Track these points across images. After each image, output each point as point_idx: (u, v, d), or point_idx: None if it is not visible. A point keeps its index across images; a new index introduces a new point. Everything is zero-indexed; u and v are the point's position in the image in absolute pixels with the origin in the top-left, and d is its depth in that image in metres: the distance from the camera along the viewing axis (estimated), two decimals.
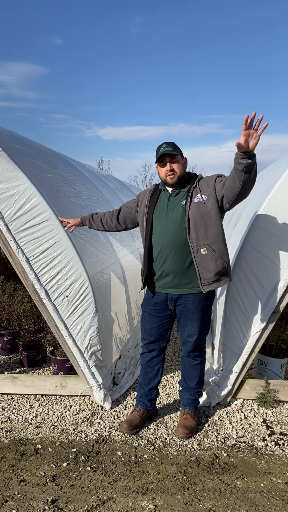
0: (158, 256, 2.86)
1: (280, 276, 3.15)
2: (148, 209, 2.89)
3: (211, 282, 2.79)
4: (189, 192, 2.78)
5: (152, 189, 2.98)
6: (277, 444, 2.91)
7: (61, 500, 2.40)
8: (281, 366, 3.65)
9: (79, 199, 4.35)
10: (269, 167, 5.94)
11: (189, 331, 2.96)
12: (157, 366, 3.15)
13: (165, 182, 2.87)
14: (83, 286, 3.33)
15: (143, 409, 3.14)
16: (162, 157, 2.80)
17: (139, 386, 3.21)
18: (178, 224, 2.77)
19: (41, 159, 4.07)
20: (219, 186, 2.69)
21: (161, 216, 2.84)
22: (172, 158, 2.79)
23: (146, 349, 3.14)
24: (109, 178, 8.33)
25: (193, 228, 2.71)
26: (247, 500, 2.38)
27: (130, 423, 3.06)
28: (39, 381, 3.58)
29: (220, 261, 2.77)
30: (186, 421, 3.05)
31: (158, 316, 3.02)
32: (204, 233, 2.72)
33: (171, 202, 2.84)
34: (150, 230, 2.87)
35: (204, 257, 2.74)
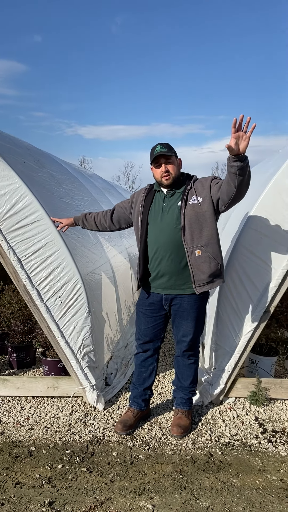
0: (153, 257, 2.86)
1: (272, 276, 3.19)
2: (143, 210, 2.89)
3: (204, 283, 2.80)
4: (185, 193, 2.78)
5: (147, 190, 2.98)
6: (270, 441, 2.95)
7: (58, 502, 2.39)
8: (271, 364, 3.70)
9: (69, 198, 4.32)
10: (256, 167, 6.01)
11: (184, 330, 2.97)
12: (152, 366, 3.14)
13: (160, 183, 2.88)
14: (76, 286, 3.31)
15: (137, 409, 3.14)
16: (157, 158, 2.79)
17: (133, 386, 3.20)
18: (173, 225, 2.77)
19: (30, 158, 4.03)
20: (214, 189, 2.71)
21: (156, 217, 2.84)
22: (167, 159, 2.79)
23: (140, 349, 3.14)
24: (94, 178, 8.29)
25: (188, 229, 2.73)
26: (243, 498, 2.40)
27: (125, 423, 3.05)
28: (30, 383, 3.54)
29: (214, 263, 2.78)
30: (180, 421, 3.06)
31: (153, 316, 3.02)
32: (199, 235, 2.73)
33: (166, 203, 2.84)
34: (145, 230, 2.87)
35: (198, 259, 2.75)
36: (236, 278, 3.27)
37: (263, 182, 3.57)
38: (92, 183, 6.79)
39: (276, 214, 3.17)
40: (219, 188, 2.67)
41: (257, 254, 3.22)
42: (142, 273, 2.94)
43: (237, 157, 2.40)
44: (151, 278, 2.93)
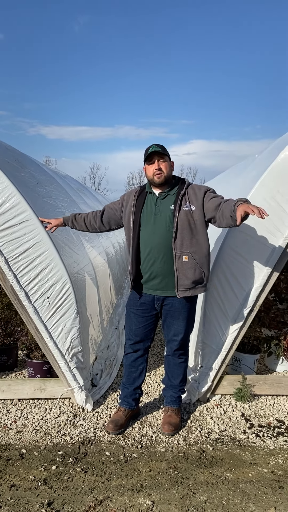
0: (146, 258, 2.88)
1: (257, 276, 3.30)
2: (135, 211, 2.90)
3: (187, 289, 2.85)
4: (178, 198, 2.81)
5: (138, 191, 2.99)
6: (258, 435, 3.05)
7: (57, 502, 2.38)
8: (254, 362, 3.82)
9: (51, 199, 4.29)
10: (231, 169, 6.18)
11: (175, 330, 3.02)
12: (141, 365, 3.17)
13: (151, 182, 2.89)
14: (65, 287, 3.30)
15: (128, 408, 3.16)
16: (151, 156, 2.83)
17: (123, 386, 3.22)
18: (166, 227, 2.80)
19: (11, 158, 3.98)
20: (210, 206, 2.75)
21: (148, 218, 2.87)
22: (161, 157, 2.83)
23: (131, 349, 3.15)
24: (68, 179, 8.24)
25: (179, 234, 2.76)
26: (239, 490, 2.48)
27: (116, 423, 3.07)
28: (16, 385, 3.49)
29: (198, 271, 2.83)
30: (171, 418, 3.11)
31: (144, 316, 3.04)
32: (189, 241, 2.78)
33: (159, 205, 2.86)
34: (138, 232, 2.89)
35: (184, 264, 2.79)
36: (223, 278, 3.36)
37: (246, 185, 3.69)
38: (67, 184, 6.76)
39: None
40: (216, 209, 2.71)
41: (243, 254, 3.32)
42: (135, 274, 2.95)
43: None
44: (144, 280, 2.96)
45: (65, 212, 4.47)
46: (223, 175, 7.11)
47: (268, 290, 3.33)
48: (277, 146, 3.71)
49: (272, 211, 3.23)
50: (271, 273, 3.28)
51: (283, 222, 3.22)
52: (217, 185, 6.12)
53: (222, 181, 6.04)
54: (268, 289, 3.33)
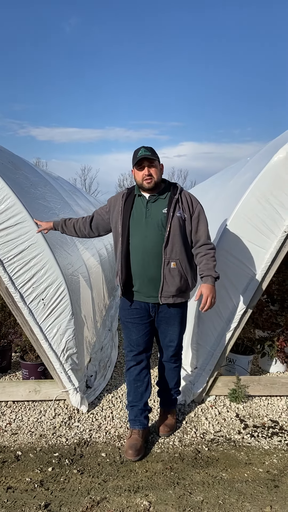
0: (139, 264, 2.77)
1: (251, 277, 3.34)
2: (123, 215, 2.80)
3: (170, 296, 2.77)
4: (171, 202, 2.75)
5: (125, 194, 2.90)
6: (252, 436, 3.08)
7: (54, 504, 2.38)
8: (248, 362, 3.85)
9: (45, 201, 4.29)
10: (223, 172, 6.22)
11: (170, 336, 2.94)
12: (147, 377, 2.99)
13: (141, 187, 2.81)
14: (60, 288, 3.30)
15: (142, 428, 2.94)
16: (141, 161, 2.74)
17: (131, 405, 2.99)
18: (159, 231, 2.72)
19: (5, 160, 3.97)
20: (193, 228, 2.80)
21: (139, 222, 2.77)
22: (151, 162, 2.74)
23: (134, 361, 2.95)
24: (61, 181, 8.23)
25: (171, 240, 2.70)
26: (235, 490, 2.50)
27: (135, 448, 2.81)
28: (11, 387, 3.48)
29: (183, 279, 2.77)
30: (167, 420, 3.11)
31: (143, 323, 2.90)
32: (178, 248, 2.72)
33: (150, 208, 2.77)
34: (127, 236, 2.78)
35: (172, 271, 2.72)
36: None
37: (240, 187, 3.73)
38: (60, 186, 6.76)
39: (254, 218, 3.31)
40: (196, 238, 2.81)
41: (237, 256, 3.35)
42: (125, 279, 2.83)
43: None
44: (137, 287, 2.83)
45: (58, 214, 4.47)
46: (216, 177, 7.16)
47: (262, 291, 3.37)
48: (270, 149, 3.76)
49: (265, 213, 3.27)
50: (264, 275, 3.32)
51: (277, 224, 3.26)
52: (210, 187, 6.18)
53: (215, 184, 6.08)
54: (262, 290, 3.37)
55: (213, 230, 3.77)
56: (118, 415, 3.35)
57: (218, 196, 4.74)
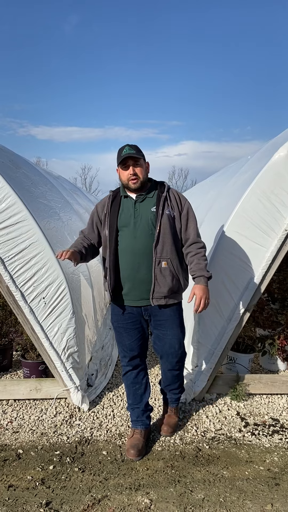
0: (128, 266, 2.68)
1: (252, 275, 3.34)
2: (111, 217, 2.71)
3: (162, 297, 2.69)
4: (160, 200, 2.67)
5: (111, 196, 2.79)
6: (253, 434, 3.08)
7: (55, 502, 2.39)
8: (249, 361, 3.85)
9: (45, 200, 4.29)
10: (223, 170, 6.22)
11: (170, 341, 2.82)
12: (145, 379, 2.96)
13: (126, 187, 2.72)
14: (60, 287, 3.30)
15: (144, 428, 2.93)
16: (125, 160, 2.64)
17: (131, 407, 2.97)
18: (149, 231, 2.64)
19: (5, 158, 3.98)
20: (182, 226, 2.73)
21: (127, 223, 2.67)
22: (136, 161, 2.65)
23: (130, 366, 2.91)
24: (61, 179, 8.24)
25: (161, 238, 2.63)
26: (236, 488, 2.51)
27: (137, 447, 2.80)
28: (12, 386, 3.49)
29: (175, 279, 2.70)
30: (170, 419, 3.07)
31: (135, 328, 2.82)
32: (169, 247, 2.65)
33: (138, 208, 2.69)
34: (115, 238, 2.68)
35: (163, 271, 2.64)
36: (217, 278, 3.38)
37: (241, 186, 3.73)
38: (61, 185, 6.76)
39: (255, 217, 3.31)
40: (185, 236, 2.74)
41: (238, 255, 3.35)
42: (114, 284, 2.71)
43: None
44: (126, 290, 2.74)
45: (59, 213, 4.48)
46: (216, 176, 7.16)
47: (263, 289, 3.37)
48: (270, 147, 3.76)
49: (266, 211, 3.27)
50: (265, 273, 3.32)
51: (277, 222, 3.26)
52: (211, 186, 6.18)
53: (215, 183, 6.08)
54: (263, 288, 3.37)
55: (213, 228, 3.78)
56: (119, 413, 3.36)
57: (218, 195, 4.74)
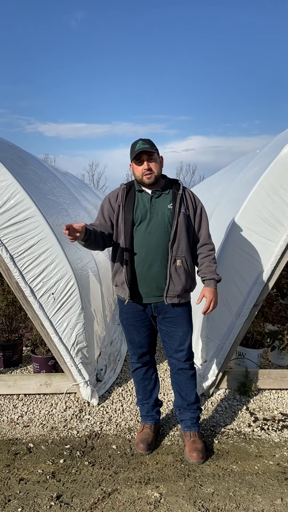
0: (141, 262, 2.64)
1: (260, 270, 3.33)
2: (126, 211, 2.66)
3: (175, 295, 2.65)
4: (176, 198, 2.65)
5: (125, 189, 2.74)
6: (262, 429, 3.08)
7: (66, 495, 2.41)
8: (258, 356, 3.85)
9: (54, 196, 4.31)
10: (231, 165, 6.19)
11: (180, 339, 2.76)
12: (154, 375, 2.96)
13: (140, 182, 2.69)
14: (69, 283, 3.32)
15: (153, 423, 2.94)
16: (139, 155, 2.61)
17: (141, 403, 2.98)
18: (164, 228, 2.62)
19: (14, 155, 4.00)
20: (196, 225, 2.73)
21: (143, 218, 2.64)
22: (150, 156, 2.62)
23: (139, 363, 2.90)
24: (69, 176, 8.26)
25: (178, 236, 2.61)
26: (245, 482, 2.51)
27: (146, 442, 2.81)
28: (22, 381, 3.52)
29: (189, 277, 2.69)
30: (197, 444, 2.76)
31: (145, 325, 2.80)
32: (184, 245, 2.63)
33: (154, 204, 2.66)
34: (131, 233, 2.64)
35: (178, 269, 2.62)
36: (226, 274, 3.38)
37: (249, 180, 3.71)
38: (69, 181, 6.78)
39: (264, 211, 3.30)
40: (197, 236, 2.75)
41: (247, 250, 3.34)
42: (131, 280, 2.66)
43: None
44: (139, 286, 2.69)
45: (67, 209, 4.49)
46: (224, 171, 7.13)
47: (272, 285, 3.36)
48: (279, 141, 3.73)
49: (275, 206, 3.26)
50: (274, 268, 3.31)
51: (286, 217, 3.24)
52: (219, 181, 6.15)
53: (223, 178, 6.05)
54: (272, 284, 3.36)
55: (222, 223, 3.77)
56: (128, 408, 3.37)
57: (226, 190, 4.72)
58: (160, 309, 2.74)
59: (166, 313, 2.74)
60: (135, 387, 3.02)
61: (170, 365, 2.89)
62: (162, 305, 2.72)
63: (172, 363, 2.85)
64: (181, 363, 2.81)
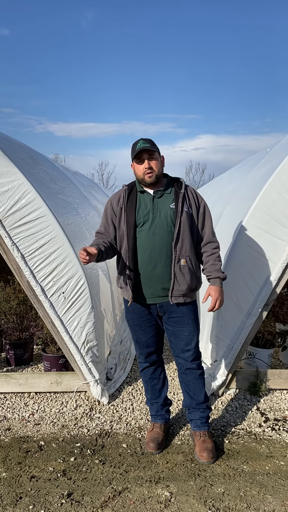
0: (145, 263, 2.64)
1: (271, 270, 3.31)
2: (127, 211, 2.66)
3: (180, 295, 2.65)
4: (178, 197, 2.64)
5: (126, 190, 2.73)
6: (273, 429, 3.07)
7: (77, 493, 2.42)
8: (268, 356, 3.83)
9: (64, 195, 4.33)
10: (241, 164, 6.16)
11: (186, 338, 2.75)
12: (162, 374, 2.97)
13: (142, 182, 2.68)
14: (80, 282, 3.34)
15: (163, 422, 2.95)
16: (140, 154, 2.61)
17: (150, 402, 2.99)
18: (167, 228, 2.61)
19: (25, 155, 4.02)
20: (199, 223, 2.72)
21: (146, 219, 2.63)
22: (150, 155, 2.62)
23: (147, 363, 2.91)
24: (79, 175, 8.29)
25: (181, 235, 2.60)
26: (256, 482, 2.50)
27: (157, 441, 2.82)
28: (33, 379, 3.55)
29: (194, 276, 2.67)
30: (207, 444, 2.74)
31: (151, 325, 2.80)
32: (188, 244, 2.62)
33: (156, 204, 2.65)
34: (134, 234, 2.64)
35: (183, 268, 2.61)
36: (236, 273, 3.37)
37: (260, 179, 3.69)
38: (78, 181, 6.80)
39: (275, 210, 3.28)
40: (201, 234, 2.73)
41: (257, 249, 3.32)
42: (134, 281, 2.67)
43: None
44: (143, 287, 2.69)
45: (77, 208, 4.51)
46: (234, 170, 7.10)
47: (282, 284, 3.34)
48: None
49: (286, 204, 3.24)
50: (286, 267, 3.29)
51: None
52: (229, 180, 6.12)
53: (234, 176, 6.02)
54: (283, 283, 3.33)
55: (232, 223, 3.75)
56: (138, 407, 3.38)
57: (237, 189, 4.70)
58: (165, 308, 2.74)
59: (172, 312, 2.74)
60: (144, 387, 3.03)
61: (178, 365, 2.88)
62: (167, 305, 2.72)
63: (179, 362, 2.85)
64: (188, 363, 2.80)
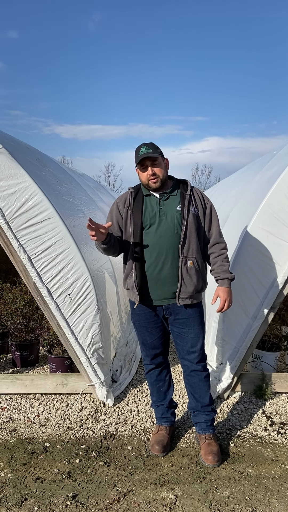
0: (152, 264, 2.65)
1: (278, 273, 3.30)
2: (134, 214, 2.66)
3: (187, 296, 2.65)
4: (184, 199, 2.65)
5: (133, 193, 2.74)
6: (279, 433, 3.05)
7: (82, 495, 2.43)
8: (274, 359, 3.81)
9: (71, 197, 4.35)
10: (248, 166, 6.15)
11: (192, 340, 2.75)
12: (168, 376, 2.97)
13: (147, 187, 2.69)
14: (85, 284, 3.35)
15: (169, 425, 2.95)
16: (143, 161, 2.61)
17: (156, 405, 2.99)
18: (174, 230, 2.61)
19: (32, 157, 4.04)
20: (206, 224, 2.72)
21: (153, 221, 2.64)
22: (153, 161, 2.61)
23: (153, 365, 2.92)
24: (85, 177, 8.31)
25: (188, 237, 2.60)
26: (261, 486, 2.49)
27: (162, 443, 2.82)
28: (39, 380, 3.56)
29: (201, 278, 2.68)
30: (212, 447, 2.75)
31: (157, 327, 2.81)
32: (195, 246, 2.63)
33: (163, 206, 2.66)
34: (140, 236, 2.64)
35: (190, 270, 2.62)
36: (242, 275, 3.36)
37: (266, 181, 3.69)
38: (85, 183, 6.82)
39: (281, 213, 3.28)
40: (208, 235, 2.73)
41: (263, 252, 3.31)
42: (141, 283, 2.67)
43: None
44: (150, 289, 2.69)
45: (84, 210, 4.52)
46: (241, 172, 7.09)
47: None
48: None
49: None
50: None
51: None
52: (235, 183, 6.11)
53: (240, 179, 6.01)
54: None
55: (238, 225, 3.75)
56: (144, 409, 3.38)
57: (243, 191, 4.69)
58: (171, 310, 2.74)
59: (178, 314, 2.73)
60: (150, 389, 3.02)
61: (183, 367, 2.87)
62: (173, 307, 2.72)
63: (184, 364, 2.85)
64: (193, 365, 2.80)
